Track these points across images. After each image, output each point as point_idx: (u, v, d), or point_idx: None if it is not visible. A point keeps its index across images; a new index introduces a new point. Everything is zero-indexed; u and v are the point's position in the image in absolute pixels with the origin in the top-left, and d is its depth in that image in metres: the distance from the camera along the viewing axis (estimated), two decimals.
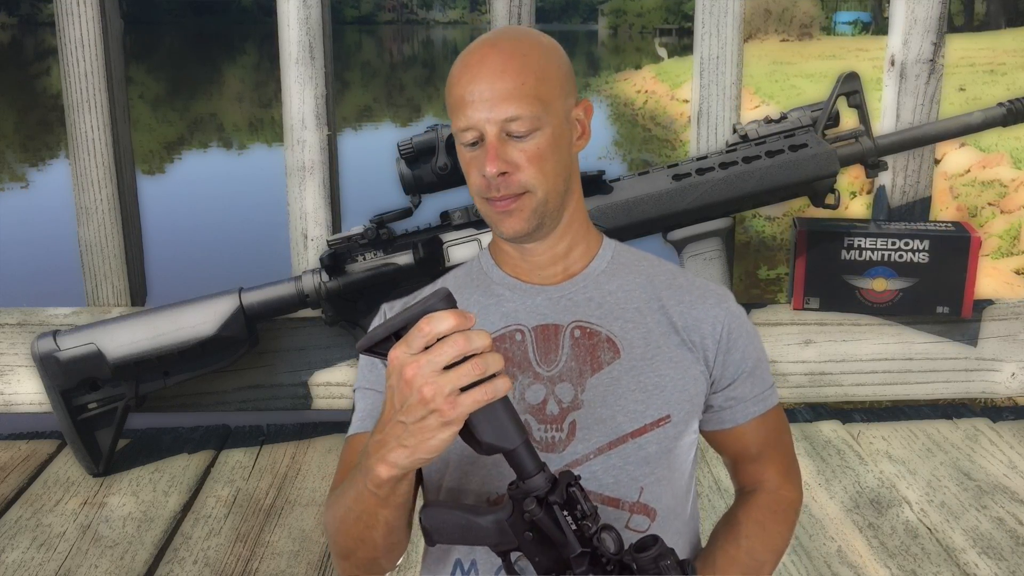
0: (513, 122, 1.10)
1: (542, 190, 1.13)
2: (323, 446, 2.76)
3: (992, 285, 5.83)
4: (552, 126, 1.13)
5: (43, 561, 2.20)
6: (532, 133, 1.11)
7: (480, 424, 0.92)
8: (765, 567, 1.20)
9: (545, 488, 0.96)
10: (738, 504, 1.28)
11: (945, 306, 2.63)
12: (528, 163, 1.12)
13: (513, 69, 1.11)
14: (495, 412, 0.92)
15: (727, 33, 2.68)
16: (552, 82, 1.13)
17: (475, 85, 1.11)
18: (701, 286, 1.24)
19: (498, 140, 1.11)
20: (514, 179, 1.12)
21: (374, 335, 0.93)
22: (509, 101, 1.10)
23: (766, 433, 1.27)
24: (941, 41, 2.71)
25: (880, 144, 2.52)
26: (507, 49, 1.12)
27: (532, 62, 1.12)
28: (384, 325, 0.93)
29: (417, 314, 0.90)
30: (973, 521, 2.33)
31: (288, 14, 2.65)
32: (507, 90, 1.10)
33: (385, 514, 1.04)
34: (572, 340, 1.17)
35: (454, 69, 1.15)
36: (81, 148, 2.70)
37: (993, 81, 12.68)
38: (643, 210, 2.41)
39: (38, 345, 2.48)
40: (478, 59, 1.12)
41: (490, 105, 1.10)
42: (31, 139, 15.40)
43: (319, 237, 2.73)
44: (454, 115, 1.13)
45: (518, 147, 1.11)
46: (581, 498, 0.97)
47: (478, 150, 1.13)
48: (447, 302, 0.91)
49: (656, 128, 16.69)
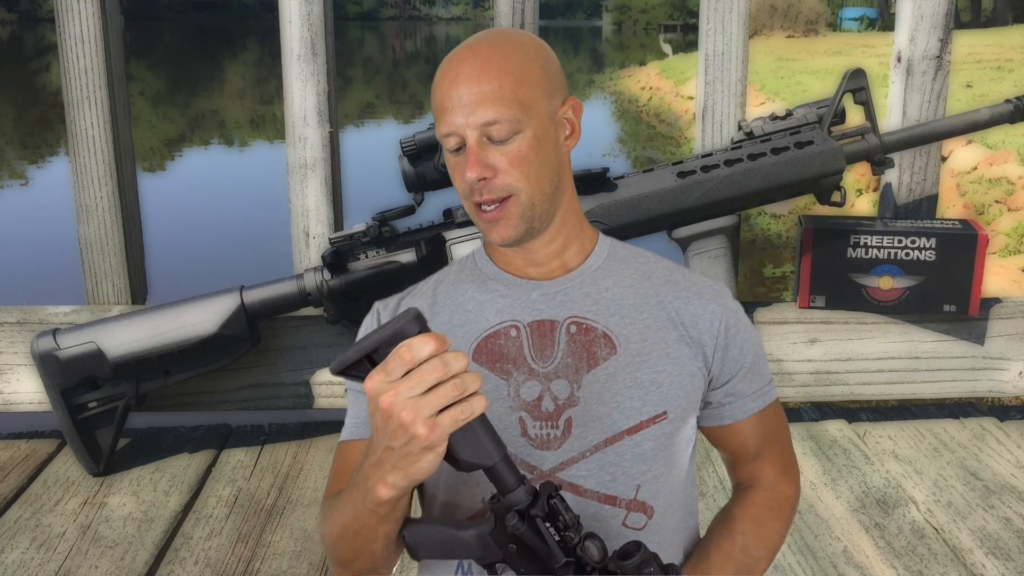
0: (492, 126, 1.10)
1: (526, 193, 1.13)
2: (325, 445, 2.75)
3: (999, 283, 5.82)
4: (534, 128, 1.12)
5: (43, 561, 2.19)
6: (512, 136, 1.11)
7: (458, 443, 0.93)
8: (760, 564, 1.21)
9: (526, 502, 0.97)
10: (735, 501, 1.28)
11: (952, 304, 2.62)
12: (510, 166, 1.11)
13: (490, 73, 1.11)
14: (472, 430, 0.93)
15: (732, 29, 2.67)
16: (533, 83, 1.13)
17: (454, 90, 1.11)
18: (698, 282, 1.24)
19: (478, 145, 1.11)
20: (496, 183, 1.12)
21: (346, 358, 0.93)
22: (487, 105, 1.10)
23: (764, 430, 1.26)
24: (948, 37, 2.70)
25: (886, 141, 2.51)
26: (484, 53, 1.12)
27: (510, 65, 1.12)
28: (355, 348, 0.93)
29: (388, 337, 0.90)
30: (980, 521, 2.32)
31: (290, 10, 2.63)
32: (484, 94, 1.10)
33: (385, 529, 1.05)
34: (568, 336, 1.17)
35: (436, 75, 1.15)
36: (81, 145, 2.69)
37: (1000, 78, 12.66)
38: (648, 208, 2.40)
39: (38, 344, 2.46)
40: (456, 64, 1.13)
41: (469, 110, 1.10)
42: (31, 136, 15.40)
43: (321, 235, 2.72)
44: (437, 121, 1.14)
45: (499, 151, 1.11)
46: (563, 509, 0.97)
47: (461, 155, 1.13)
48: (418, 323, 0.90)
49: (661, 125, 16.67)
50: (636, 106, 20.02)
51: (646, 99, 20.17)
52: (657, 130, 16.33)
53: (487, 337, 1.18)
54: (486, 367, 1.17)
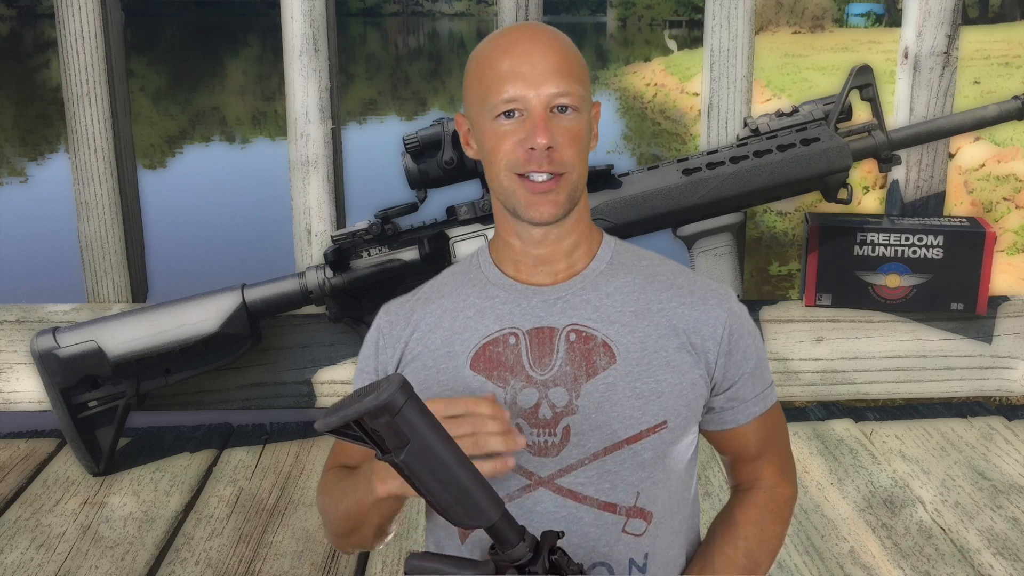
0: (563, 97, 1.11)
1: (577, 173, 1.15)
2: (327, 445, 2.73)
3: (1007, 281, 5.80)
4: (586, 113, 1.15)
5: (43, 562, 2.17)
6: (574, 112, 1.13)
7: (454, 508, 0.93)
8: (761, 567, 1.22)
9: (527, 557, 0.96)
10: (736, 503, 1.28)
11: (959, 303, 2.60)
12: (571, 141, 1.13)
13: (559, 50, 1.13)
14: (468, 493, 0.93)
15: (738, 25, 2.65)
16: (585, 74, 1.17)
17: (523, 60, 1.12)
18: (702, 286, 1.22)
19: (547, 114, 1.12)
20: (557, 155, 1.12)
21: (330, 423, 0.89)
22: (558, 78, 1.12)
23: (765, 432, 1.26)
24: (955, 33, 2.68)
25: (893, 138, 2.49)
26: (549, 32, 1.16)
27: (571, 50, 1.16)
28: (340, 413, 0.89)
29: (372, 410, 0.87)
30: (988, 521, 2.30)
31: (291, 6, 2.62)
32: (556, 67, 1.12)
33: (378, 519, 1.12)
34: (567, 344, 1.16)
35: (485, 51, 1.15)
36: (81, 142, 2.68)
37: (1008, 74, 12.64)
38: (652, 205, 2.38)
39: (37, 342, 2.45)
40: (524, 37, 1.14)
41: (540, 79, 1.11)
42: (30, 133, 15.41)
43: (323, 232, 2.71)
44: (491, 90, 1.13)
45: (562, 124, 1.12)
46: (564, 564, 0.97)
47: (516, 123, 1.12)
48: (404, 391, 0.89)
49: (666, 122, 16.65)
50: (641, 102, 20.01)
51: (651, 95, 20.14)
52: (662, 127, 16.32)
53: (485, 344, 1.17)
54: (483, 375, 1.16)
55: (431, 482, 0.91)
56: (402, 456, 0.90)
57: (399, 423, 0.88)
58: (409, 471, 0.91)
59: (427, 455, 0.90)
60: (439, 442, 0.91)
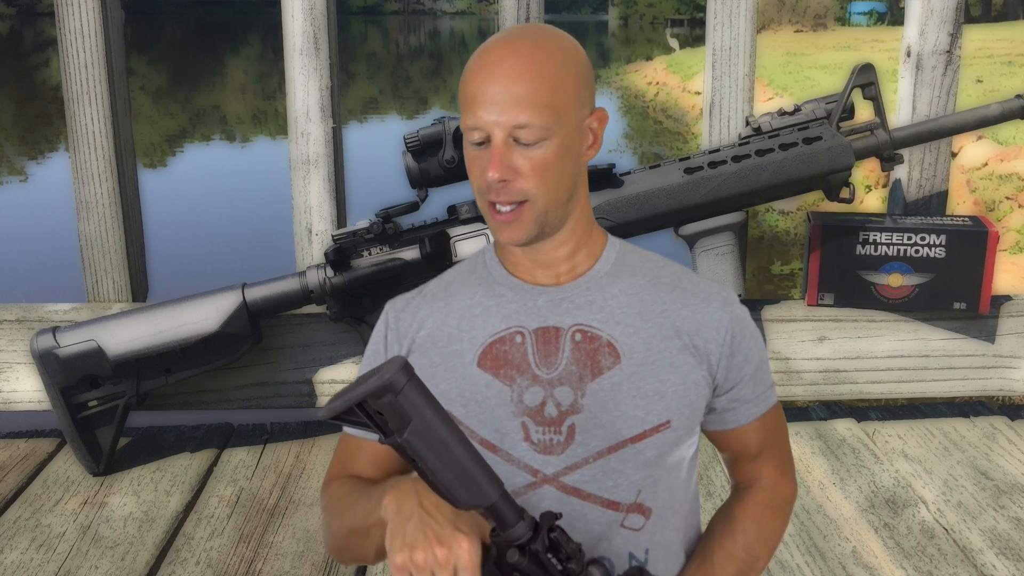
0: (522, 129, 1.09)
1: (542, 201, 1.12)
2: (328, 445, 2.73)
3: (1010, 281, 5.79)
4: (561, 136, 1.11)
5: (42, 562, 2.17)
6: (539, 142, 1.10)
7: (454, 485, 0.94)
8: (760, 562, 1.25)
9: (527, 536, 0.97)
10: (736, 500, 1.30)
11: (962, 302, 2.60)
12: (531, 172, 1.10)
13: (529, 74, 1.09)
14: (468, 472, 0.94)
15: (740, 23, 2.65)
16: (568, 91, 1.11)
17: (488, 85, 1.09)
18: (706, 288, 1.23)
19: (504, 145, 1.09)
20: (514, 186, 1.11)
21: (334, 408, 0.92)
22: (520, 107, 1.08)
23: (766, 431, 1.28)
24: (958, 32, 2.68)
25: (896, 137, 2.49)
26: (526, 52, 1.10)
27: (549, 69, 1.10)
28: (344, 397, 0.92)
29: (375, 389, 0.90)
30: (991, 521, 2.29)
31: (292, 4, 2.61)
32: (520, 96, 1.08)
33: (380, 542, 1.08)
34: (573, 344, 1.17)
35: (471, 64, 1.13)
36: (81, 141, 2.67)
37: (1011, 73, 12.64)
38: (654, 204, 2.38)
39: (37, 342, 2.44)
40: (496, 59, 1.10)
41: (501, 108, 1.08)
42: (30, 132, 15.41)
43: (324, 232, 2.70)
44: (464, 111, 1.12)
45: (524, 154, 1.10)
46: (564, 541, 0.99)
47: (483, 150, 1.12)
48: (406, 372, 0.91)
49: (667, 120, 16.64)
50: (642, 101, 19.99)
51: (653, 94, 20.13)
52: (664, 125, 16.31)
53: (492, 343, 1.19)
54: (490, 372, 1.18)
55: (433, 461, 0.93)
56: (404, 435, 0.92)
57: (402, 402, 0.91)
58: (412, 451, 0.92)
59: (429, 434, 0.92)
60: (440, 421, 0.93)
